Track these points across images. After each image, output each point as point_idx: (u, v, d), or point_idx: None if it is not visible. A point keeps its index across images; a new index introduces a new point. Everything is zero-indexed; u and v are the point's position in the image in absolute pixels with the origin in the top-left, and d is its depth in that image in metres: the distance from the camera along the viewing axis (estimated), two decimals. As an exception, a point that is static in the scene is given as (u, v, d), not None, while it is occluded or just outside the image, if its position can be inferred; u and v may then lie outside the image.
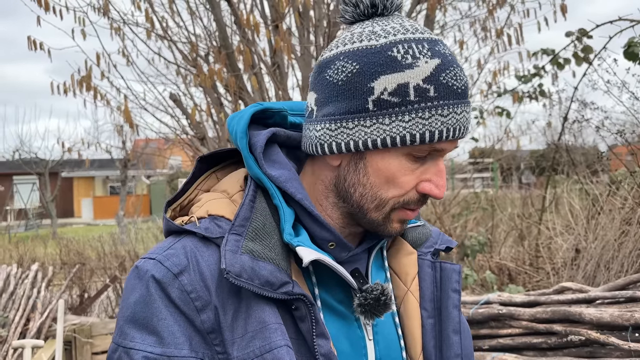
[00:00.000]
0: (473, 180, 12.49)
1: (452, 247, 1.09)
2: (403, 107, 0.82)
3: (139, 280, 0.84)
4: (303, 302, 0.83)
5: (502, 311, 2.69)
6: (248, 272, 0.81)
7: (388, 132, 0.83)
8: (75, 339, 5.63)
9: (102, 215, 27.49)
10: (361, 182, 0.88)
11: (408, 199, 0.87)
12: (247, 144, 0.90)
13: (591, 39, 4.82)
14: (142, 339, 0.81)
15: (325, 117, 0.87)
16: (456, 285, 1.00)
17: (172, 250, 0.85)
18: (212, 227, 0.87)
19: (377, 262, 1.00)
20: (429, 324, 0.97)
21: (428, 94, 0.82)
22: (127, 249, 7.20)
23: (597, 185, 5.08)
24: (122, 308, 0.85)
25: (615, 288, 2.41)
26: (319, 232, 0.89)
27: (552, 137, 7.63)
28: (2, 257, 7.23)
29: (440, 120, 0.82)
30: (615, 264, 3.68)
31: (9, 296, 5.77)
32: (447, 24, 5.97)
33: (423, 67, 0.82)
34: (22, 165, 21.95)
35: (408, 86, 0.82)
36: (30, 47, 5.01)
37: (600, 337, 2.15)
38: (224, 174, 0.98)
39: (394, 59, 0.83)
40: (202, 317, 0.82)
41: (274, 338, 0.81)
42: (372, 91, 0.83)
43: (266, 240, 0.85)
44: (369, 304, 0.89)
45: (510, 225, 6.00)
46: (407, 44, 0.84)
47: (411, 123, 0.82)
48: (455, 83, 0.84)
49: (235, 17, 5.05)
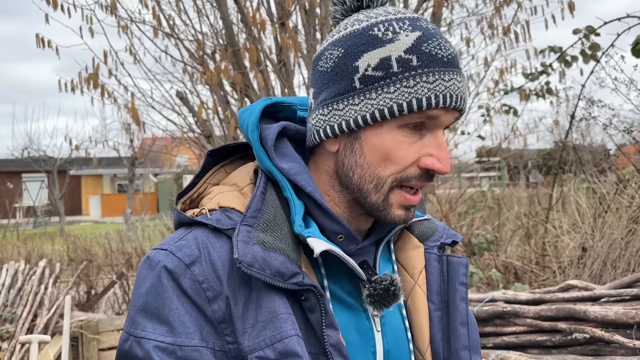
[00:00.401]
0: (480, 179, 12.45)
1: (458, 241, 1.09)
2: (387, 79, 0.83)
3: (150, 271, 0.85)
4: (313, 293, 0.84)
5: (506, 309, 2.68)
6: (260, 262, 0.81)
7: (376, 106, 0.84)
8: (82, 335, 5.66)
9: (110, 212, 27.62)
10: (358, 163, 0.88)
11: (408, 175, 0.87)
12: (258, 137, 0.91)
13: (599, 37, 4.79)
14: (154, 328, 0.81)
15: (319, 105, 0.90)
16: (463, 279, 1.00)
17: (184, 241, 0.86)
18: (223, 218, 0.87)
19: (385, 255, 1.01)
20: (437, 316, 0.98)
21: (411, 64, 0.83)
22: (133, 246, 7.24)
23: (605, 183, 5.04)
24: (134, 298, 0.86)
25: (621, 286, 2.40)
26: (328, 225, 0.90)
27: (560, 135, 7.58)
28: (11, 254, 7.28)
29: (426, 87, 0.83)
30: (622, 262, 3.66)
31: (16, 292, 5.82)
32: (454, 22, 5.95)
33: (404, 40, 0.84)
34: (31, 163, 22.09)
35: (390, 59, 0.83)
36: (39, 45, 5.04)
37: (605, 335, 2.14)
38: (233, 168, 0.99)
39: (375, 37, 0.85)
40: (214, 307, 0.82)
41: (285, 328, 0.82)
42: (357, 70, 0.85)
43: (277, 231, 0.86)
44: (378, 294, 0.90)
45: (516, 223, 5.98)
46: (388, 22, 0.86)
47: (397, 93, 0.83)
48: (440, 52, 0.84)
49: (241, 14, 5.05)
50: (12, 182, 26.04)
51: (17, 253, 7.24)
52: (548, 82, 5.37)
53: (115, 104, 5.37)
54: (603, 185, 4.98)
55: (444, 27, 5.83)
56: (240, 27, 5.27)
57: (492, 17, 5.58)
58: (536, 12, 5.59)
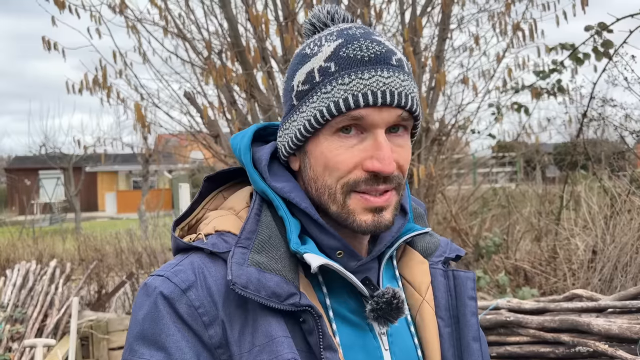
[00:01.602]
0: (496, 175, 12.30)
1: (462, 255, 1.08)
2: (312, 90, 0.86)
3: (147, 297, 0.85)
4: (310, 315, 0.83)
5: (509, 318, 2.62)
6: (254, 284, 0.81)
7: (305, 118, 0.86)
8: (92, 334, 5.71)
9: (126, 209, 27.90)
10: (311, 176, 0.89)
11: (354, 179, 0.86)
12: (251, 159, 0.93)
13: (611, 33, 4.66)
14: (151, 355, 0.81)
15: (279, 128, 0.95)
16: (472, 293, 1.00)
17: (180, 266, 0.86)
18: (219, 242, 0.87)
19: (388, 272, 0.99)
20: (447, 332, 0.97)
21: (329, 70, 0.84)
22: (143, 245, 7.28)
23: (618, 183, 4.93)
24: (131, 325, 0.86)
25: (626, 297, 2.33)
26: (326, 241, 0.89)
27: (571, 134, 7.45)
28: (22, 253, 7.37)
29: (342, 89, 0.83)
30: (633, 267, 3.57)
31: (27, 292, 5.87)
32: (465, 18, 5.85)
33: (325, 50, 0.86)
34: (47, 160, 22.36)
35: (313, 71, 0.86)
36: (45, 47, 5.06)
37: (608, 350, 2.08)
38: (230, 193, 1.00)
39: (304, 55, 0.89)
40: (210, 332, 0.82)
41: (281, 351, 0.80)
42: (292, 88, 0.89)
43: (272, 252, 0.85)
44: (381, 308, 0.88)
45: (527, 224, 5.88)
46: (319, 38, 0.88)
47: (318, 101, 0.85)
48: (359, 53, 0.84)
49: (247, 14, 5.02)
50: (29, 179, 26.41)
51: (29, 253, 7.32)
52: (559, 80, 5.25)
53: (123, 105, 5.38)
54: (616, 185, 4.86)
55: (454, 23, 5.73)
56: (248, 27, 5.24)
57: (502, 14, 5.47)
58: (549, 7, 5.48)
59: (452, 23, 5.63)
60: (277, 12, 5.22)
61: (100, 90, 5.09)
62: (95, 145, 14.80)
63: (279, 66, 5.12)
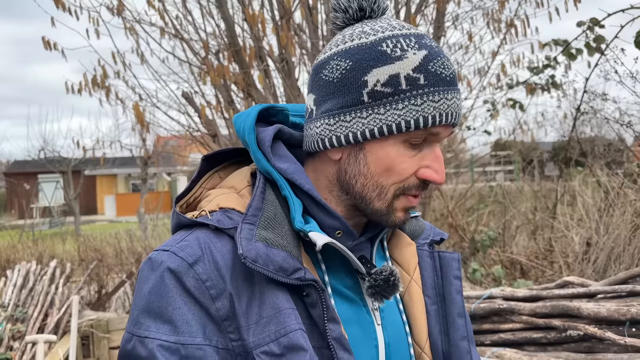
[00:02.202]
0: (494, 173, 12.33)
1: (445, 238, 1.14)
2: (396, 96, 0.87)
3: (152, 271, 0.86)
4: (314, 288, 0.86)
5: (503, 306, 2.67)
6: (263, 258, 0.84)
7: (384, 121, 0.87)
8: (92, 334, 5.73)
9: (125, 212, 27.89)
10: (362, 172, 0.91)
11: (408, 185, 0.91)
12: (255, 139, 0.94)
13: (603, 29, 4.72)
14: (157, 327, 0.83)
15: (324, 114, 0.92)
16: (457, 272, 1.05)
17: (186, 242, 0.88)
18: (224, 218, 0.90)
19: (379, 252, 1.04)
20: (433, 309, 1.02)
21: (418, 82, 0.87)
22: (143, 245, 7.31)
23: (613, 177, 4.98)
24: (136, 298, 0.87)
25: (616, 282, 2.38)
26: (327, 221, 0.93)
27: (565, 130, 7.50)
28: (22, 254, 7.40)
29: (432, 106, 0.87)
30: (626, 257, 3.62)
31: (28, 292, 5.91)
32: (459, 16, 5.90)
33: (412, 58, 0.87)
34: (46, 164, 22.37)
35: (399, 76, 0.87)
36: (46, 48, 5.11)
37: (597, 332, 2.12)
38: (226, 173, 1.02)
39: (383, 53, 0.88)
40: (217, 305, 0.84)
41: (289, 322, 0.83)
42: (365, 84, 0.88)
43: (278, 229, 0.89)
44: (378, 285, 0.93)
45: (523, 219, 5.93)
46: (395, 39, 0.89)
47: (405, 110, 0.86)
48: (444, 71, 0.88)
49: (244, 13, 5.07)
50: (28, 183, 26.42)
51: (29, 254, 7.35)
52: (553, 75, 5.31)
53: (122, 105, 5.43)
54: (611, 179, 4.92)
55: (449, 21, 5.79)
56: (244, 27, 5.29)
57: (496, 11, 5.52)
58: (542, 4, 5.53)
59: (446, 21, 5.68)
60: (273, 11, 5.27)
61: (100, 91, 5.13)
62: (94, 148, 14.81)
63: (276, 65, 5.16)
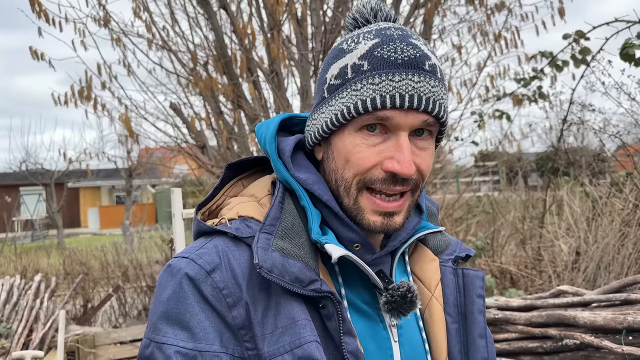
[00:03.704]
0: (479, 184, 12.43)
1: (471, 255, 1.10)
2: (343, 85, 0.88)
3: (171, 278, 0.86)
4: (330, 300, 0.85)
5: (498, 316, 2.67)
6: (279, 268, 0.83)
7: (332, 112, 0.89)
8: (78, 349, 5.63)
9: (109, 224, 27.57)
10: (332, 167, 0.92)
11: (371, 177, 0.87)
12: (276, 149, 0.95)
13: (589, 41, 4.80)
14: (175, 334, 0.82)
15: (309, 118, 0.97)
16: (480, 291, 1.02)
17: (205, 249, 0.88)
18: (243, 227, 0.89)
19: (400, 267, 1.02)
20: (454, 329, 0.99)
21: (362, 69, 0.87)
22: (129, 258, 7.22)
23: (599, 187, 5.04)
24: (155, 305, 0.87)
25: (610, 291, 2.39)
26: (345, 233, 0.91)
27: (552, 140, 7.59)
28: (6, 269, 7.26)
29: (371, 89, 0.85)
30: (615, 265, 3.65)
31: (12, 307, 5.79)
32: (446, 29, 5.97)
33: (360, 48, 0.88)
34: (28, 176, 22.07)
35: (347, 67, 0.88)
36: (34, 58, 5.06)
37: (594, 341, 2.13)
38: (250, 181, 1.02)
39: (341, 50, 0.91)
40: (234, 313, 0.83)
41: (304, 334, 0.82)
42: (325, 81, 0.92)
43: (295, 239, 0.88)
44: (395, 301, 0.91)
45: (512, 228, 5.97)
46: (357, 35, 0.91)
47: (347, 97, 0.87)
48: (394, 54, 0.85)
49: (233, 25, 5.07)
50: (10, 196, 26.01)
51: (13, 267, 7.22)
52: (540, 86, 5.38)
53: (109, 117, 5.38)
54: (597, 188, 4.98)
55: (435, 34, 5.85)
56: (234, 38, 5.29)
57: (484, 24, 5.60)
58: (527, 17, 5.62)
59: (433, 33, 5.74)
60: (262, 23, 5.28)
61: (86, 102, 5.09)
62: (79, 159, 14.67)
63: (266, 76, 5.17)
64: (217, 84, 4.82)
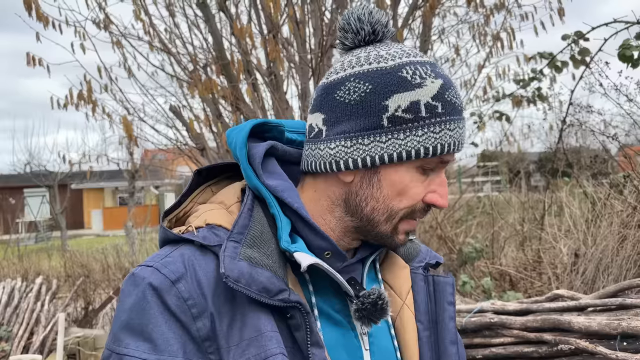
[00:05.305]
0: (482, 184, 12.40)
1: (441, 262, 1.12)
2: (416, 122, 0.88)
3: (134, 287, 0.85)
4: (298, 311, 0.84)
5: (493, 320, 2.66)
6: (246, 278, 0.82)
7: (403, 147, 0.88)
8: (79, 351, 5.65)
9: (112, 226, 27.63)
10: (374, 196, 0.91)
11: (416, 209, 0.92)
12: (246, 155, 0.93)
13: (588, 42, 4.78)
14: (136, 345, 0.81)
15: (340, 135, 0.90)
16: (451, 298, 1.04)
17: (170, 258, 0.87)
18: (210, 235, 0.88)
19: (371, 274, 1.01)
20: (425, 336, 0.99)
21: (437, 110, 0.88)
22: (130, 260, 7.24)
23: (599, 188, 5.02)
24: (117, 314, 0.86)
25: (606, 295, 2.38)
26: (315, 241, 0.91)
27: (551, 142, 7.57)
28: (7, 271, 7.29)
29: (448, 134, 0.89)
30: (614, 268, 3.64)
31: (13, 310, 5.82)
32: (445, 30, 5.96)
33: (430, 87, 0.89)
34: (32, 178, 22.15)
35: (419, 103, 0.88)
36: (29, 64, 5.06)
37: (589, 347, 2.12)
38: (219, 188, 1.01)
39: (404, 79, 0.89)
40: (198, 325, 0.82)
41: (270, 346, 0.81)
42: (386, 109, 0.88)
43: (264, 247, 0.86)
44: (366, 308, 0.90)
45: (511, 230, 5.96)
46: (414, 65, 0.90)
47: (424, 137, 0.88)
48: (457, 100, 0.91)
49: (231, 28, 5.07)
50: (13, 198, 26.10)
51: (14, 270, 7.24)
52: (539, 87, 5.36)
53: (109, 120, 5.39)
54: (597, 190, 4.96)
55: (435, 35, 5.84)
56: (232, 41, 5.29)
57: (482, 24, 5.59)
58: (527, 18, 5.60)
59: (433, 34, 5.73)
60: (260, 25, 5.28)
61: (86, 105, 5.09)
62: (80, 162, 14.71)
63: (264, 79, 5.17)
64: (217, 86, 4.82)
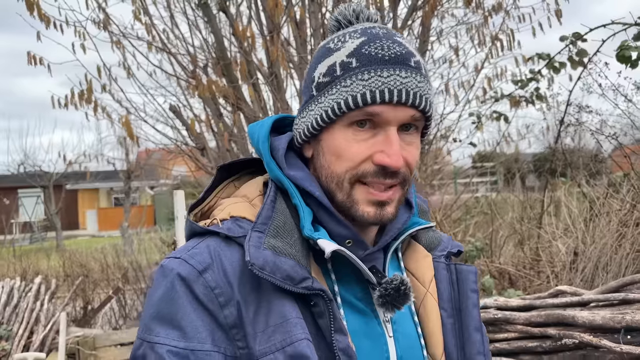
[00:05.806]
0: (477, 185, 12.47)
1: (462, 251, 1.12)
2: (332, 82, 0.90)
3: (164, 278, 0.87)
4: (322, 298, 0.86)
5: (497, 315, 2.70)
6: (270, 266, 0.84)
7: (323, 108, 0.91)
8: (79, 351, 5.65)
9: (107, 226, 27.52)
10: (322, 164, 0.93)
11: (363, 171, 0.89)
12: (269, 148, 0.96)
13: (586, 43, 4.83)
14: (166, 333, 0.84)
15: (296, 116, 0.99)
16: (474, 286, 1.04)
17: (197, 249, 0.89)
18: (234, 227, 0.91)
19: (393, 263, 1.03)
20: (449, 323, 1.00)
21: (350, 66, 0.89)
22: (129, 260, 7.23)
23: (596, 188, 5.08)
24: (147, 305, 0.88)
25: (609, 291, 2.42)
26: (337, 230, 0.93)
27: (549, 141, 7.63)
28: (6, 271, 7.27)
29: (360, 84, 0.87)
30: (613, 265, 3.69)
31: (12, 309, 5.81)
32: (444, 31, 6.01)
33: (348, 46, 0.91)
34: (27, 178, 22.05)
35: (335, 65, 0.91)
36: (30, 63, 5.06)
37: (593, 340, 2.16)
38: (241, 183, 1.03)
39: (328, 49, 0.93)
40: (225, 313, 0.85)
41: (295, 332, 0.84)
42: (313, 79, 0.94)
43: (287, 237, 0.89)
44: (389, 294, 0.91)
45: (510, 229, 6.01)
46: (343, 35, 0.93)
47: (337, 94, 0.89)
48: (381, 52, 0.88)
49: (232, 28, 5.10)
50: (8, 198, 25.96)
51: (13, 270, 7.23)
52: (537, 88, 5.40)
53: (109, 119, 5.40)
54: (594, 189, 5.02)
55: (433, 36, 5.88)
56: (233, 41, 5.31)
57: (481, 25, 5.64)
58: (524, 19, 5.66)
59: (431, 35, 5.77)
60: (261, 25, 5.31)
61: (87, 105, 5.10)
62: (77, 161, 14.69)
63: (265, 79, 5.19)
64: (218, 86, 4.84)
